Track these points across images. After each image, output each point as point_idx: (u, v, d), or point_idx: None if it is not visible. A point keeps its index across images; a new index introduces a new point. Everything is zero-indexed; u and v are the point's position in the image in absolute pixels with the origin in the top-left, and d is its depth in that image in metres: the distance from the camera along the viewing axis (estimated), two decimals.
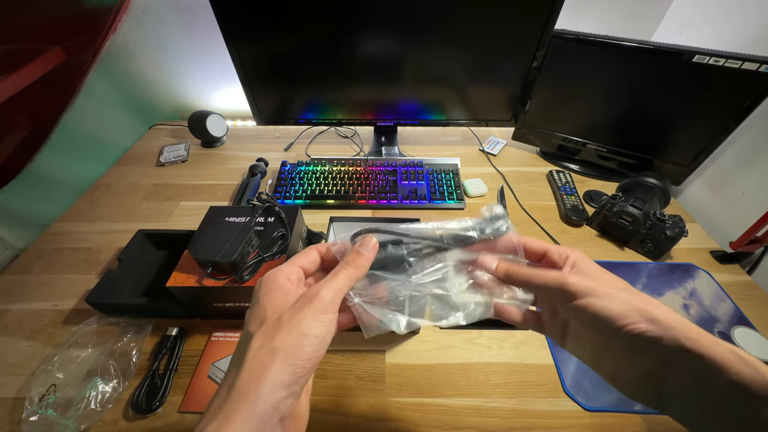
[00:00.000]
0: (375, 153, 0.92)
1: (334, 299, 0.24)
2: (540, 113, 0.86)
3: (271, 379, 0.20)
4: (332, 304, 0.23)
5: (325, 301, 0.23)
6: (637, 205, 0.67)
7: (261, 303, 0.24)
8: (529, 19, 0.68)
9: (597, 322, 0.23)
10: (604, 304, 0.23)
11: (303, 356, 0.21)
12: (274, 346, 0.21)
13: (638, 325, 0.22)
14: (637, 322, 0.22)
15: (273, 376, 0.20)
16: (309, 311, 0.22)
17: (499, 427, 0.46)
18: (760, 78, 0.61)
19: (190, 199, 0.80)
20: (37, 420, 0.44)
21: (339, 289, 0.24)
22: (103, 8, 0.79)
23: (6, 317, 0.58)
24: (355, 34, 0.71)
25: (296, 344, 0.21)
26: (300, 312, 0.22)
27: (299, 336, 0.21)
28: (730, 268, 0.66)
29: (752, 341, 0.55)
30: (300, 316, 0.22)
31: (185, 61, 0.95)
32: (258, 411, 0.20)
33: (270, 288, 0.24)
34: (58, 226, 0.73)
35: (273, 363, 0.21)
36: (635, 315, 0.22)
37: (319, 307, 0.23)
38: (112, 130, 0.93)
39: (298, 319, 0.22)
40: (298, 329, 0.22)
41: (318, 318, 0.22)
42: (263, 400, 0.20)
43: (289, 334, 0.21)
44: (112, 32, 0.82)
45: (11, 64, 0.64)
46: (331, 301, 0.23)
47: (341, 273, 0.25)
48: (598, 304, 0.23)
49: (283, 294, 0.24)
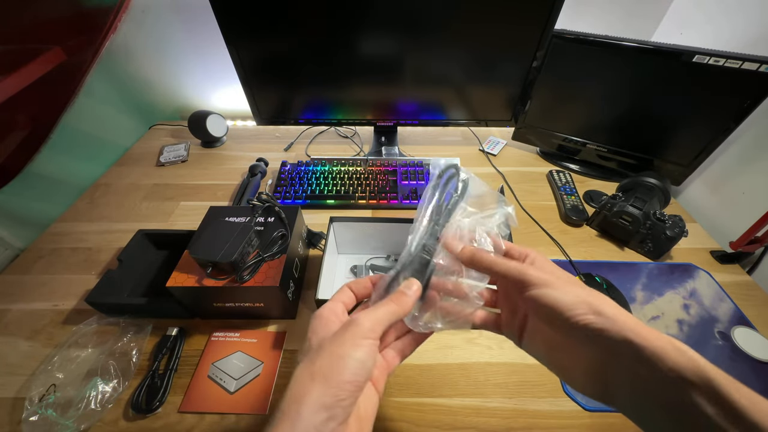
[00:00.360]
0: (375, 153, 0.92)
1: (374, 327, 0.24)
2: (540, 113, 0.86)
3: (312, 400, 0.21)
4: (372, 331, 0.24)
5: (364, 327, 0.24)
6: (637, 205, 0.67)
7: (308, 337, 0.25)
8: (529, 19, 0.68)
9: (550, 313, 0.25)
10: (557, 295, 0.24)
11: (343, 378, 0.22)
12: (314, 370, 0.22)
13: (586, 316, 0.23)
14: (585, 313, 0.23)
15: (314, 397, 0.21)
16: (348, 335, 0.23)
17: (499, 427, 0.46)
18: (760, 78, 0.61)
19: (190, 199, 0.80)
20: (37, 420, 0.44)
21: (379, 319, 0.25)
22: (103, 8, 0.79)
23: (6, 317, 0.58)
24: (355, 33, 0.71)
25: (335, 367, 0.22)
26: (341, 337, 0.23)
27: (338, 358, 0.22)
28: (730, 268, 0.66)
29: (752, 341, 0.55)
30: (340, 341, 0.23)
31: (185, 61, 0.95)
32: (299, 430, 0.20)
33: (317, 322, 0.26)
34: (58, 226, 0.73)
35: (313, 385, 0.21)
36: (584, 307, 0.24)
37: (358, 332, 0.23)
38: (112, 130, 0.93)
39: (338, 344, 0.23)
40: (338, 353, 0.23)
41: (357, 342, 0.23)
42: (304, 420, 0.20)
43: (329, 358, 0.22)
44: (112, 32, 0.82)
45: (11, 64, 0.64)
46: (370, 328, 0.24)
47: (383, 307, 0.26)
48: (552, 295, 0.25)
49: (326, 324, 0.25)
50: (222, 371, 0.50)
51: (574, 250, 0.69)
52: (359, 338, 0.23)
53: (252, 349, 0.53)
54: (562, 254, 0.68)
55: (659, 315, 0.59)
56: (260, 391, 0.49)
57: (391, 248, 0.64)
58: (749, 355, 0.53)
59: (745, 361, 0.53)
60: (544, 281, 0.25)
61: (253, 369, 0.51)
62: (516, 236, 0.71)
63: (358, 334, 0.23)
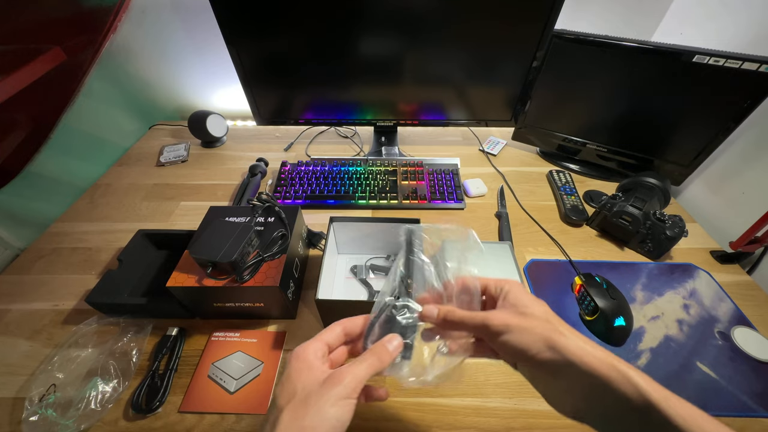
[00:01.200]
0: (375, 153, 0.92)
1: (356, 387, 0.26)
2: (540, 113, 0.86)
3: None
4: (354, 391, 0.26)
5: (349, 388, 0.26)
6: (637, 205, 0.67)
7: (292, 379, 0.27)
8: (529, 18, 0.68)
9: (514, 355, 0.28)
10: (517, 339, 0.27)
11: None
12: (304, 425, 0.24)
13: (542, 354, 0.26)
14: (541, 352, 0.26)
15: None
16: (334, 394, 0.25)
17: (499, 427, 0.46)
18: (760, 78, 0.61)
19: (190, 199, 0.80)
20: (37, 420, 0.44)
21: (362, 378, 0.27)
22: (103, 8, 0.79)
23: (6, 317, 0.58)
24: (355, 33, 0.71)
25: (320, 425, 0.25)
26: (327, 394, 0.25)
27: (324, 419, 0.25)
28: (730, 268, 0.66)
29: (752, 341, 0.55)
30: (326, 398, 0.25)
31: (185, 61, 0.95)
32: None
33: (301, 365, 0.28)
34: (58, 226, 0.73)
35: None
36: (541, 345, 0.26)
37: (342, 393, 0.26)
38: (112, 130, 0.93)
39: (324, 401, 0.25)
40: (323, 411, 0.25)
41: (341, 403, 0.25)
42: None
43: (316, 415, 0.25)
44: (112, 32, 0.82)
45: (11, 64, 0.64)
46: (353, 388, 0.26)
47: (366, 362, 0.28)
48: (513, 340, 0.27)
49: (311, 372, 0.27)
50: (222, 371, 0.50)
51: (574, 250, 0.69)
52: (343, 398, 0.26)
53: (252, 349, 0.53)
54: (562, 254, 0.68)
55: (659, 315, 0.59)
56: (260, 391, 0.49)
57: (391, 248, 0.64)
58: (749, 355, 0.53)
59: (745, 361, 0.53)
60: (505, 327, 0.27)
61: (253, 369, 0.51)
62: (516, 236, 0.71)
63: (342, 394, 0.26)
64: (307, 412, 0.25)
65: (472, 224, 0.75)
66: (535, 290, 0.62)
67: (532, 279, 0.64)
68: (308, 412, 0.25)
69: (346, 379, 0.26)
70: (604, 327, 0.55)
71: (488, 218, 0.77)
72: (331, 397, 0.25)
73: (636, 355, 0.54)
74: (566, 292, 0.62)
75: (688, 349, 0.54)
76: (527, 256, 0.68)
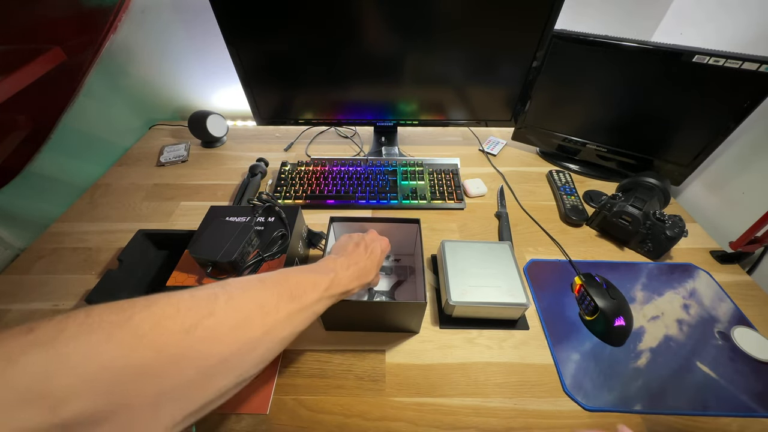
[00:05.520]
0: (375, 153, 0.92)
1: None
2: (540, 113, 0.86)
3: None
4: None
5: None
6: (637, 205, 0.67)
7: (364, 260, 0.45)
8: (529, 19, 0.68)
9: None
10: None
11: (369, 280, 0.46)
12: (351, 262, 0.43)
13: None
14: None
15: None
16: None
17: (499, 427, 0.46)
18: (760, 78, 0.61)
19: (190, 199, 0.80)
20: None
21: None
22: (103, 8, 0.79)
23: (6, 317, 0.58)
24: (355, 34, 0.71)
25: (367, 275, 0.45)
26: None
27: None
28: (730, 268, 0.67)
29: (752, 341, 0.55)
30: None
31: (185, 61, 0.95)
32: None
33: (374, 265, 0.47)
34: (58, 226, 0.73)
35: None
36: None
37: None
38: (112, 130, 0.93)
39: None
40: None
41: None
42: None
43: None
44: (112, 32, 0.82)
45: (11, 64, 0.64)
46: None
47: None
48: None
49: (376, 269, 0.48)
50: None
51: (574, 250, 0.69)
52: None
53: None
54: (562, 254, 0.68)
55: (659, 315, 0.59)
56: (260, 391, 0.49)
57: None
58: (749, 355, 0.53)
59: (745, 361, 0.53)
60: None
61: None
62: (516, 236, 0.71)
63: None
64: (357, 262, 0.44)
65: (472, 224, 0.75)
66: (535, 290, 0.62)
67: (532, 279, 0.64)
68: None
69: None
70: (604, 327, 0.55)
71: (488, 218, 0.77)
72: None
73: (636, 355, 0.54)
74: (566, 292, 0.62)
75: (688, 349, 0.54)
76: (527, 256, 0.68)
